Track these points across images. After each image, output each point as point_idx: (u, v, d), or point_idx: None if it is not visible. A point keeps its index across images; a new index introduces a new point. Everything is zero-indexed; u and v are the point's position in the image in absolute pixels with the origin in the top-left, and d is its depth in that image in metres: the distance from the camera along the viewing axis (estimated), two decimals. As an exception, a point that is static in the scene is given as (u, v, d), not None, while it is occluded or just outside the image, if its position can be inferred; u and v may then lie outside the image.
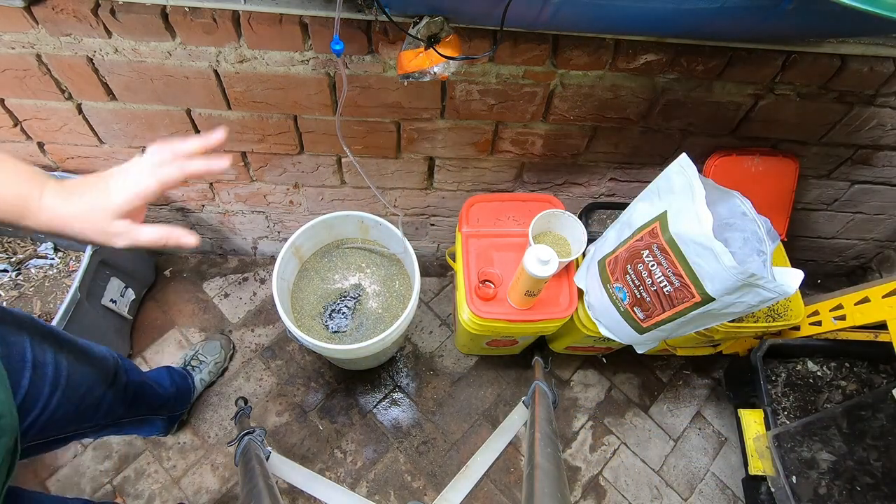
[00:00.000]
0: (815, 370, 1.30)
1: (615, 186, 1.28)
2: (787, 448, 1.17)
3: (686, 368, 1.57)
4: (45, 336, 0.79)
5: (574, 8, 0.69)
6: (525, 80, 0.94)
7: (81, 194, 0.51)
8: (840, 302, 1.17)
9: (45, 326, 0.81)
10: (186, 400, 1.30)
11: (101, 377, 0.91)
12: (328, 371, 1.45)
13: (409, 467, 1.36)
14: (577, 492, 1.38)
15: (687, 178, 0.83)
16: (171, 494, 1.28)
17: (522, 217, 1.16)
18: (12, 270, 1.30)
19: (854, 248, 1.57)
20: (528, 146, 1.12)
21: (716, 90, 0.98)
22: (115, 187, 0.52)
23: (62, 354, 0.80)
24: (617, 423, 1.48)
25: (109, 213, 0.51)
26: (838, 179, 1.26)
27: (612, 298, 1.02)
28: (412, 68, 0.77)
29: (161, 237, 0.53)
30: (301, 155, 1.14)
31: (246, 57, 0.90)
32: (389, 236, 1.25)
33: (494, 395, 1.47)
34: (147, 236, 0.53)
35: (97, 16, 0.82)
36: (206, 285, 1.54)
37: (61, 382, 0.78)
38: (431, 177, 1.22)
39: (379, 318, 1.27)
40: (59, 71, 0.94)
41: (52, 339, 0.80)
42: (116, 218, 0.51)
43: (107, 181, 0.52)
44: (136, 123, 1.05)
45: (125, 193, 0.52)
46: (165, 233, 0.53)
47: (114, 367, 0.96)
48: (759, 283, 0.77)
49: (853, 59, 0.92)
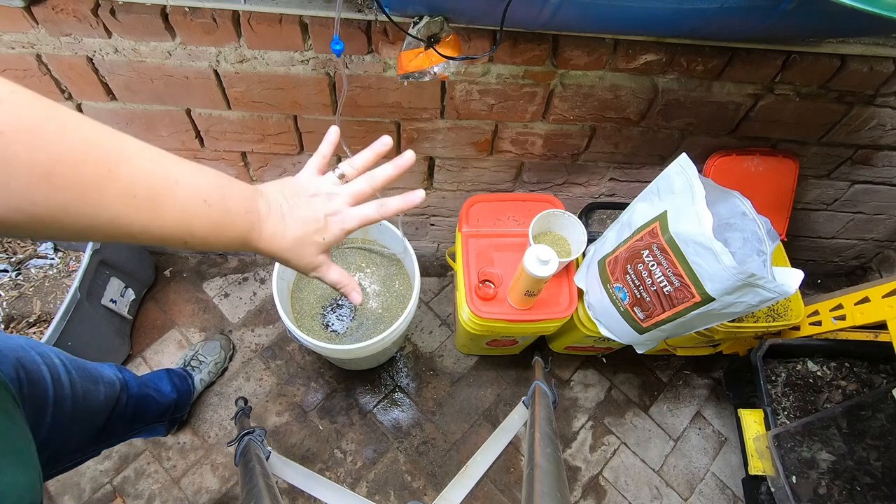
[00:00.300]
0: (815, 370, 1.30)
1: (615, 186, 1.28)
2: (787, 448, 1.17)
3: (686, 368, 1.57)
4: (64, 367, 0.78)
5: (574, 8, 0.69)
6: (525, 80, 0.94)
7: (297, 225, 0.48)
8: (840, 302, 1.17)
9: (62, 356, 0.81)
10: (187, 401, 1.30)
11: (109, 403, 0.92)
12: (328, 371, 1.45)
13: (409, 467, 1.36)
14: (577, 492, 1.38)
15: (687, 178, 0.84)
16: (171, 494, 1.28)
17: (522, 217, 1.16)
18: (12, 270, 1.30)
19: (854, 248, 1.57)
20: (528, 146, 1.12)
21: (715, 90, 0.98)
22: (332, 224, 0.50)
23: (77, 386, 0.80)
24: (617, 423, 1.48)
25: (319, 250, 0.50)
26: (838, 179, 1.26)
27: (612, 298, 1.02)
28: (412, 68, 0.77)
29: (342, 281, 0.53)
30: (301, 155, 1.14)
31: (246, 57, 0.90)
32: (389, 236, 1.25)
33: (494, 395, 1.47)
34: (334, 276, 0.53)
35: (97, 16, 0.82)
36: (206, 285, 1.54)
37: (77, 416, 0.79)
38: (431, 177, 1.22)
39: (379, 318, 1.27)
40: (59, 71, 0.94)
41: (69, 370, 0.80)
42: (321, 253, 0.51)
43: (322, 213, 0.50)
44: (136, 123, 1.05)
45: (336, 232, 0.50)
46: (347, 280, 0.54)
47: (119, 391, 0.96)
48: (759, 283, 0.77)
49: (853, 59, 0.92)
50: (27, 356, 0.72)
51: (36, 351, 0.74)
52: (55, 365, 0.77)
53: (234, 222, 0.44)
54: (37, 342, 0.78)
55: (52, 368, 0.75)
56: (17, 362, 0.69)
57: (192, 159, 0.41)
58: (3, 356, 0.67)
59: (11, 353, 0.69)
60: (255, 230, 0.46)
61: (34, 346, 0.76)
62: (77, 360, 0.86)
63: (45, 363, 0.74)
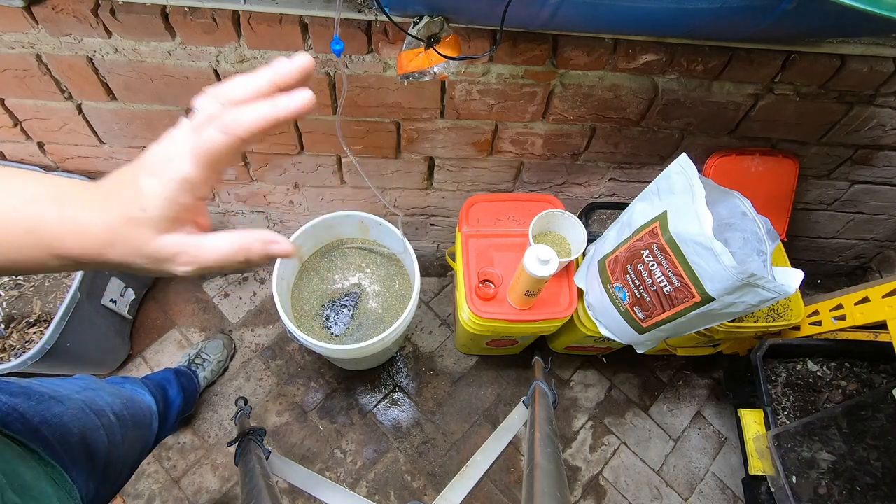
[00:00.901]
0: (815, 370, 1.30)
1: (615, 186, 1.27)
2: (787, 448, 1.17)
3: (686, 368, 1.57)
4: (119, 426, 0.77)
5: (574, 8, 0.69)
6: (525, 79, 0.94)
7: (108, 199, 0.32)
8: (840, 302, 1.17)
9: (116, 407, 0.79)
10: (193, 400, 1.30)
11: (151, 438, 0.93)
12: (328, 371, 1.45)
13: (409, 467, 1.36)
14: (577, 492, 1.38)
15: (687, 178, 0.83)
16: (171, 494, 1.28)
17: (522, 217, 1.16)
18: (12, 270, 1.29)
19: (854, 248, 1.57)
20: (528, 146, 1.12)
21: (715, 90, 0.98)
22: (147, 184, 0.32)
23: (129, 436, 0.80)
24: (617, 422, 1.48)
25: (148, 227, 0.32)
26: (838, 179, 1.26)
27: (612, 298, 1.02)
28: (412, 68, 0.77)
29: (240, 248, 0.33)
30: (301, 155, 1.14)
31: (246, 57, 0.90)
32: (389, 236, 1.25)
33: (494, 395, 1.47)
34: (217, 252, 0.33)
35: (97, 16, 0.82)
36: (206, 285, 1.54)
37: (126, 464, 0.78)
38: (431, 177, 1.22)
39: (379, 318, 1.27)
40: (59, 71, 0.94)
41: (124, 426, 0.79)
42: (162, 233, 0.32)
43: (137, 174, 0.32)
44: (136, 123, 1.05)
45: (161, 189, 0.32)
46: (246, 242, 0.33)
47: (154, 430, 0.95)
48: (759, 283, 0.77)
49: (853, 59, 0.92)
50: (90, 430, 0.69)
51: (94, 411, 0.71)
52: (111, 425, 0.74)
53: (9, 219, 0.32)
54: (92, 391, 0.75)
55: (109, 432, 0.73)
56: (85, 447, 0.66)
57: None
58: (70, 445, 0.62)
59: (77, 432, 0.65)
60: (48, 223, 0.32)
61: (91, 402, 0.73)
62: (126, 403, 0.83)
63: (104, 425, 0.72)
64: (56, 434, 0.62)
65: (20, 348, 1.19)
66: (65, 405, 0.67)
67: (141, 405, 0.91)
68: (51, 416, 0.63)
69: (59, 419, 0.64)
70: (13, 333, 1.22)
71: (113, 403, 0.79)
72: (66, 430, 0.64)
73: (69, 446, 0.63)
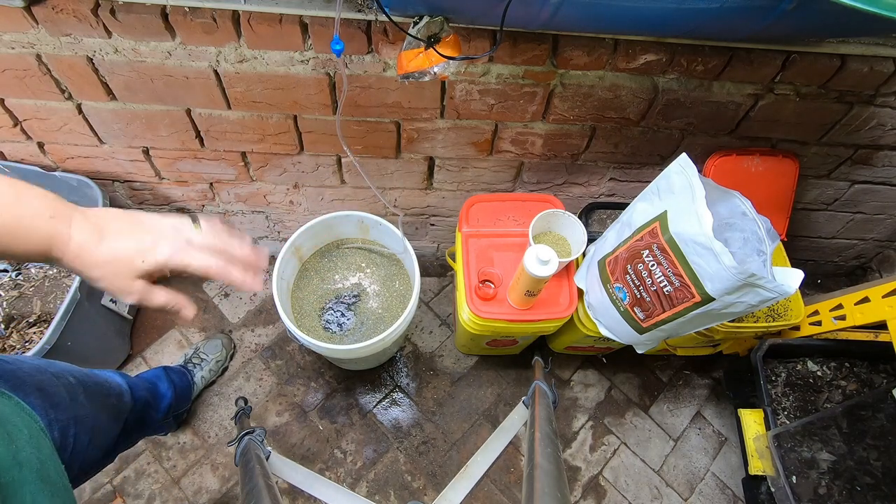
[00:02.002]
0: (815, 370, 1.30)
1: (615, 186, 1.28)
2: (787, 448, 1.17)
3: (686, 368, 1.57)
4: (81, 386, 0.78)
5: (574, 8, 0.69)
6: (525, 80, 0.94)
7: (115, 240, 0.47)
8: (840, 302, 1.17)
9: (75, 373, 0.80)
10: (187, 398, 1.29)
11: (123, 414, 0.93)
12: (328, 371, 1.45)
13: (409, 467, 1.36)
14: (577, 492, 1.38)
15: (687, 178, 0.83)
16: (171, 494, 1.28)
17: (522, 217, 1.16)
18: (12, 270, 1.30)
19: (854, 248, 1.57)
20: (528, 146, 1.12)
21: (715, 90, 0.98)
22: (155, 251, 0.48)
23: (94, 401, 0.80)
24: (617, 422, 1.48)
25: (136, 272, 0.48)
26: (838, 179, 1.26)
27: (612, 298, 1.02)
28: (412, 68, 0.77)
29: (169, 302, 0.51)
30: (301, 155, 1.14)
31: (246, 57, 0.90)
32: (389, 236, 1.25)
33: (494, 395, 1.47)
34: (158, 300, 0.50)
35: (97, 16, 0.82)
36: (206, 285, 1.54)
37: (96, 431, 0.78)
38: (431, 177, 1.22)
39: (379, 318, 1.27)
40: (59, 71, 0.94)
41: (85, 387, 0.80)
42: (140, 278, 0.48)
43: (143, 237, 0.48)
44: (136, 123, 1.05)
45: (163, 261, 0.49)
46: (174, 300, 0.51)
47: (128, 399, 0.96)
48: (759, 283, 0.77)
49: (853, 59, 0.92)
50: (45, 379, 0.71)
51: (51, 372, 0.74)
52: (71, 384, 0.76)
53: (33, 226, 0.43)
54: (49, 362, 0.77)
55: (69, 389, 0.74)
56: (39, 388, 0.68)
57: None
58: (24, 383, 0.66)
59: (30, 378, 0.68)
60: (62, 237, 0.44)
61: (48, 366, 0.75)
62: (88, 374, 0.85)
63: (63, 384, 0.73)
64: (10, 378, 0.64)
65: (20, 348, 1.20)
66: (21, 363, 0.70)
67: (107, 380, 0.92)
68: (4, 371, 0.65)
69: (12, 373, 0.66)
70: (13, 333, 1.22)
71: (73, 371, 0.81)
72: (20, 380, 0.66)
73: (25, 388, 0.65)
